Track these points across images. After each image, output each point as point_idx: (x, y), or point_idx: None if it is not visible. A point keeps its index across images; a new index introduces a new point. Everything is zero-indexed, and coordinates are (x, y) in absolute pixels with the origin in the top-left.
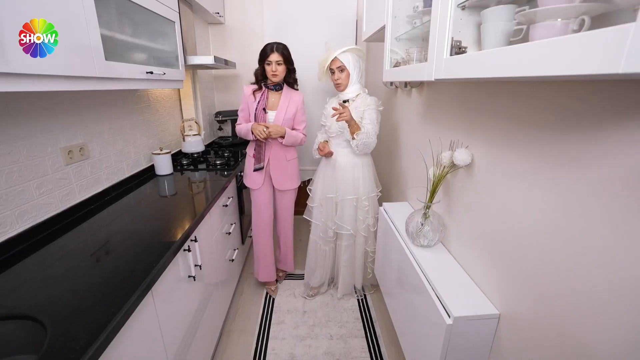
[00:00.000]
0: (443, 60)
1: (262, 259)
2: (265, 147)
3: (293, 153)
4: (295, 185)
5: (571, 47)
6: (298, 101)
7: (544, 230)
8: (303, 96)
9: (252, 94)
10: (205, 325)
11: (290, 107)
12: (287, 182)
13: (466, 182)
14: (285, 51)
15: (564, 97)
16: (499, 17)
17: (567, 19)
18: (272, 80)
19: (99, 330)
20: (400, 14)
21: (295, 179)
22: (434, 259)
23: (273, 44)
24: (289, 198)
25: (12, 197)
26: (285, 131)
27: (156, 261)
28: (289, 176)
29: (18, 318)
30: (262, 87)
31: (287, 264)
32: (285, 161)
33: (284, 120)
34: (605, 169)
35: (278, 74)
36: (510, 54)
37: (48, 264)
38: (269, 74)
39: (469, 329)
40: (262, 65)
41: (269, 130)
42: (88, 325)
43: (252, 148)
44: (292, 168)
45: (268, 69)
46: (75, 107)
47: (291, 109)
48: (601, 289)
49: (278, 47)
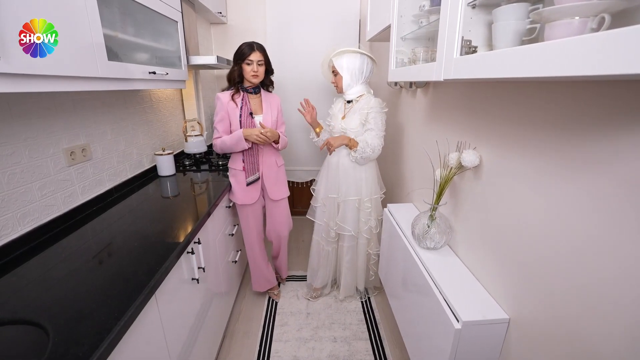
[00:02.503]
0: (453, 60)
1: (258, 272)
2: (258, 154)
3: (281, 158)
4: (288, 193)
5: (590, 47)
6: (278, 103)
7: (554, 233)
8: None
9: (231, 100)
10: (209, 328)
11: (272, 110)
12: (282, 190)
13: (473, 184)
14: (265, 51)
15: (575, 98)
16: (511, 15)
17: (586, 17)
18: (251, 81)
19: (102, 335)
20: (406, 13)
21: (286, 186)
22: (440, 261)
23: (252, 43)
24: (283, 208)
25: (14, 198)
26: (279, 134)
27: (160, 264)
28: (282, 184)
29: (20, 323)
30: (239, 90)
31: (283, 271)
32: (276, 167)
33: (271, 124)
34: (618, 171)
35: (259, 75)
36: (525, 53)
37: (51, 266)
38: (249, 74)
39: (478, 334)
40: (240, 66)
41: (266, 132)
42: (91, 330)
43: (240, 160)
44: (283, 175)
45: (248, 69)
46: (78, 108)
47: (274, 112)
48: (614, 293)
49: (259, 46)
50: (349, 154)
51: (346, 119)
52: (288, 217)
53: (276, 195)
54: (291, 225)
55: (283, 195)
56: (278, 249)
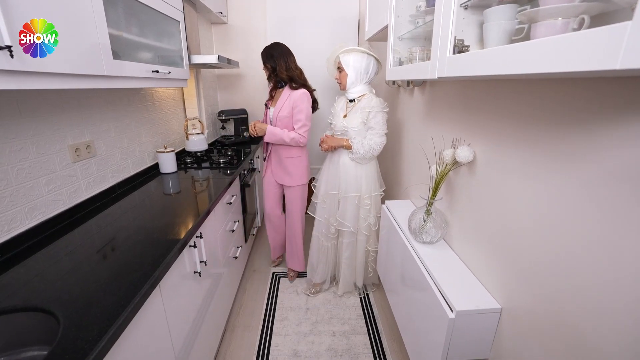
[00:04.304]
0: (446, 59)
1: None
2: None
3: (290, 152)
4: (294, 183)
5: (571, 45)
6: (294, 98)
7: (545, 225)
8: (303, 93)
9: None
10: (210, 321)
11: (286, 105)
12: (285, 178)
13: (468, 179)
14: (263, 53)
15: (564, 94)
16: (501, 16)
17: (568, 18)
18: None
19: (110, 321)
20: (403, 13)
21: (294, 177)
22: (436, 255)
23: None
24: (293, 194)
25: (22, 193)
26: (266, 129)
27: (164, 256)
28: (286, 173)
29: (31, 310)
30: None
31: (295, 262)
32: (281, 157)
33: (278, 117)
34: (605, 164)
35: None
36: (512, 51)
37: (57, 259)
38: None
39: (471, 323)
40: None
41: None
42: (100, 317)
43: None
44: (292, 166)
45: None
46: (83, 106)
47: (287, 107)
48: (602, 283)
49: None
50: (349, 152)
51: (348, 117)
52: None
53: (280, 180)
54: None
55: (286, 183)
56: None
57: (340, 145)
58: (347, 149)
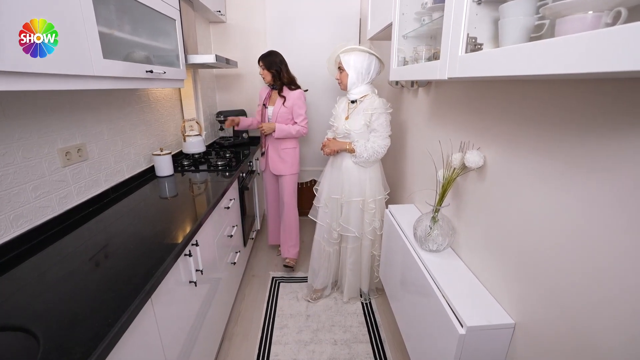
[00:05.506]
0: (458, 58)
1: (272, 225)
2: (265, 137)
3: (287, 143)
4: (290, 172)
5: (605, 42)
6: (294, 97)
7: (563, 236)
8: (301, 92)
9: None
10: (207, 330)
11: (286, 104)
12: (282, 168)
13: (477, 185)
14: (265, 59)
15: (585, 96)
16: (519, 11)
17: (600, 11)
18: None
19: (95, 342)
20: (408, 10)
21: (290, 166)
22: (443, 264)
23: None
24: (287, 182)
25: (6, 200)
26: (275, 127)
27: (156, 267)
28: (283, 163)
29: (9, 329)
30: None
31: (288, 251)
32: (279, 149)
33: (278, 114)
34: (633, 172)
35: (265, 77)
36: (535, 50)
37: (44, 269)
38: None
39: (482, 339)
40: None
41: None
42: (84, 337)
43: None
44: (287, 156)
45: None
46: (74, 108)
47: (287, 105)
48: (624, 298)
49: (262, 56)
50: (352, 156)
51: (350, 119)
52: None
53: (277, 171)
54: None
55: (282, 172)
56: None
57: (343, 149)
58: (350, 152)
